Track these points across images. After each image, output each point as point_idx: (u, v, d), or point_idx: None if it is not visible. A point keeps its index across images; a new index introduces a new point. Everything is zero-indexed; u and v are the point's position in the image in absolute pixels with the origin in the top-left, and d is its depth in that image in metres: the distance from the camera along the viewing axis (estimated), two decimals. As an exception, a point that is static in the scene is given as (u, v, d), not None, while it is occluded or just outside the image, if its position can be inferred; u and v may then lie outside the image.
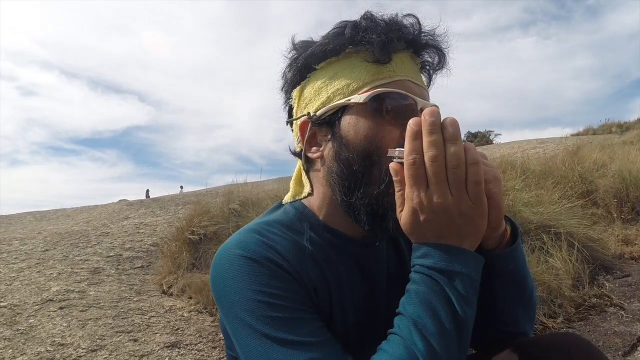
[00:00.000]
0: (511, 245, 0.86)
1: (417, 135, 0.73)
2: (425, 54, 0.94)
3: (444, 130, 0.72)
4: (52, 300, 3.47)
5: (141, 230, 6.11)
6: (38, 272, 4.13)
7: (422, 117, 0.73)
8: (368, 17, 0.88)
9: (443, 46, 0.93)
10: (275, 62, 0.99)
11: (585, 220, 4.26)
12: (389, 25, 0.87)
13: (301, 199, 1.00)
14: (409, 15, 0.89)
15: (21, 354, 2.68)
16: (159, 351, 2.81)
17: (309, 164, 0.98)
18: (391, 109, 0.85)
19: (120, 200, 10.47)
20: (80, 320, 3.15)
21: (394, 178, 0.78)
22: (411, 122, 0.74)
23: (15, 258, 4.51)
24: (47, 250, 4.88)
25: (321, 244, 0.93)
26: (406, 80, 0.88)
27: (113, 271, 4.46)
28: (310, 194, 0.99)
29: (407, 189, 0.75)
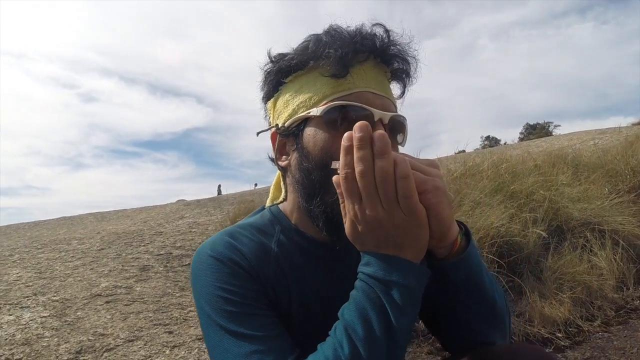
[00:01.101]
0: (462, 254, 0.85)
1: (349, 150, 0.75)
2: (395, 63, 0.96)
3: (373, 145, 0.73)
4: (100, 295, 3.66)
5: (193, 230, 6.31)
6: (91, 269, 4.37)
7: (353, 132, 0.75)
8: (330, 31, 0.93)
9: (410, 55, 0.96)
10: None
11: (633, 217, 3.93)
12: (350, 37, 0.91)
13: (278, 204, 1.08)
14: (377, 25, 0.93)
15: (65, 342, 2.85)
16: (190, 343, 2.89)
17: (284, 171, 1.04)
18: (345, 121, 0.88)
19: (178, 200, 10.83)
20: (123, 314, 3.31)
21: (337, 190, 0.80)
22: (344, 137, 0.76)
23: (72, 256, 4.81)
24: (102, 249, 5.17)
25: (288, 247, 0.99)
26: (365, 92, 0.91)
27: (161, 268, 4.63)
28: (284, 200, 1.06)
29: (345, 202, 0.78)
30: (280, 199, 1.07)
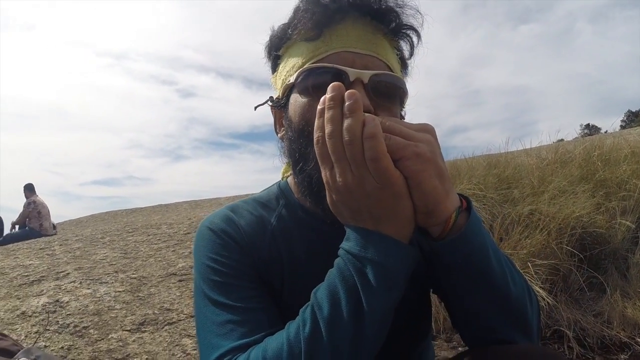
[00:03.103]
0: (456, 233, 0.74)
1: (322, 113, 0.71)
2: (388, 18, 0.88)
3: (343, 104, 0.69)
4: (174, 274, 3.76)
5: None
6: (173, 251, 4.54)
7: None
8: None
9: (405, 6, 0.88)
10: (426, 45, 0.96)
11: None
12: None
13: (286, 178, 1.07)
14: None
15: (131, 314, 2.95)
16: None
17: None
18: (315, 85, 0.84)
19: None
20: (192, 292, 3.33)
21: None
22: (320, 100, 0.72)
23: (159, 239, 5.06)
24: (188, 233, 5.37)
25: (288, 222, 0.97)
26: (343, 52, 0.85)
27: (239, 252, 4.68)
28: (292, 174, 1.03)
29: (320, 168, 0.74)
30: (289, 172, 1.05)
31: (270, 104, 0.99)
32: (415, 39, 0.92)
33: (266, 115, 1.03)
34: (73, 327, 2.69)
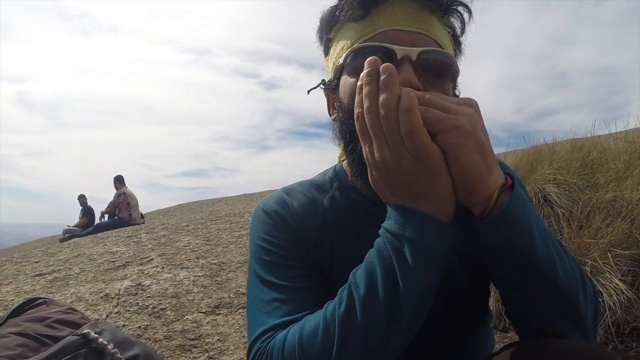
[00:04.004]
0: (497, 213, 0.69)
1: (361, 89, 0.70)
2: None
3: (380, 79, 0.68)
4: (252, 260, 3.73)
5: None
6: (253, 238, 4.55)
7: None
8: None
9: None
10: (508, 27, 0.91)
11: None
12: None
13: (342, 161, 1.05)
14: None
15: (208, 298, 2.96)
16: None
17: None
18: (363, 65, 0.76)
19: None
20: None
21: None
22: (360, 76, 0.71)
23: (241, 227, 5.14)
24: (269, 222, 5.39)
25: (341, 203, 0.97)
26: (391, 30, 0.83)
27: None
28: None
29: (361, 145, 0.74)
30: (344, 156, 1.02)
31: (323, 87, 0.98)
32: (466, 15, 0.88)
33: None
34: (151, 309, 2.73)
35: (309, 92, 1.02)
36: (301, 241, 0.91)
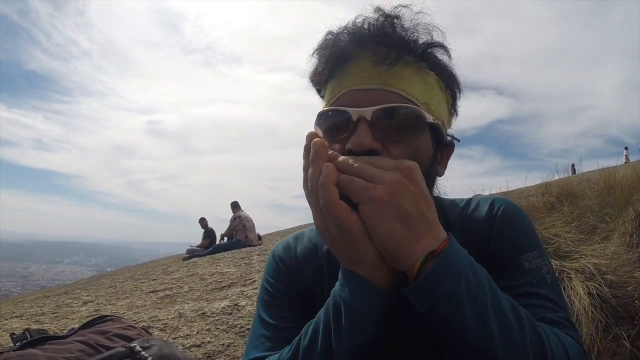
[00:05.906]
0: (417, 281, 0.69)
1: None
2: (397, 46, 0.83)
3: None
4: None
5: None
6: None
7: None
8: (321, 41, 0.89)
9: (406, 27, 0.85)
10: (633, 26, 0.93)
11: None
12: (326, 42, 0.88)
13: None
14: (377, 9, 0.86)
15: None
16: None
17: None
18: (327, 129, 0.85)
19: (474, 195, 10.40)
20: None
21: None
22: None
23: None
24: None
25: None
26: (350, 91, 0.85)
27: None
28: None
29: None
30: None
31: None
32: (439, 54, 0.88)
33: (473, 118, 0.78)
34: (239, 328, 3.04)
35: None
36: (295, 284, 1.00)
